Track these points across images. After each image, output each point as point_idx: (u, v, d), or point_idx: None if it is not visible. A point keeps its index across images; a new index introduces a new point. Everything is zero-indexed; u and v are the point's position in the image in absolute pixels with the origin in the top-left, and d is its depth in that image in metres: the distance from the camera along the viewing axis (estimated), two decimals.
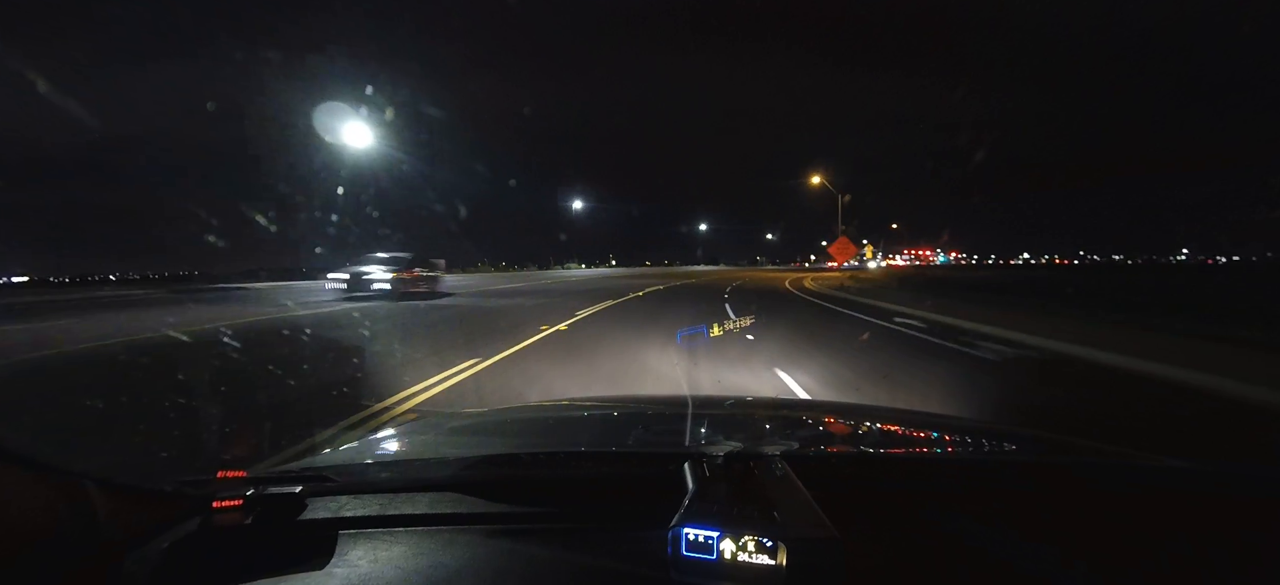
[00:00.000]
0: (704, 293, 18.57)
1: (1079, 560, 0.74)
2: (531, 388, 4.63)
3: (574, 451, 1.12)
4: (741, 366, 5.41)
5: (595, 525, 0.83)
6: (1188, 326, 8.02)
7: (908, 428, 1.51)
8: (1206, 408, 4.34)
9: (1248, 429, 3.90)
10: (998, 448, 1.30)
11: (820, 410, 1.95)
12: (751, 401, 2.00)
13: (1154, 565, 0.74)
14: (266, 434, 3.28)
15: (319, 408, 3.86)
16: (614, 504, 0.88)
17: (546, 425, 1.60)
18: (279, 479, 0.90)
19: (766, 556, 0.61)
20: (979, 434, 1.45)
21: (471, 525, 0.85)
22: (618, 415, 1.64)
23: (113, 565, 0.69)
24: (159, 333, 8.23)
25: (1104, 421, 3.97)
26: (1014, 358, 6.40)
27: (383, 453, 1.28)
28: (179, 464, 2.85)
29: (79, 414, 3.88)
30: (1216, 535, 0.81)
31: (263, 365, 5.49)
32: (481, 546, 0.79)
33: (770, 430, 1.39)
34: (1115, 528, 0.83)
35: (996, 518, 0.85)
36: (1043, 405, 4.46)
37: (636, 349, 6.56)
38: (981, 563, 0.74)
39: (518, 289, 20.70)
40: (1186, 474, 0.99)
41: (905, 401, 4.23)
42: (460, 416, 1.78)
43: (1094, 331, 7.78)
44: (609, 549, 0.75)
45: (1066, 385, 5.16)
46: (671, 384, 4.86)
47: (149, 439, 3.22)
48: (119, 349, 6.65)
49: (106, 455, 3.06)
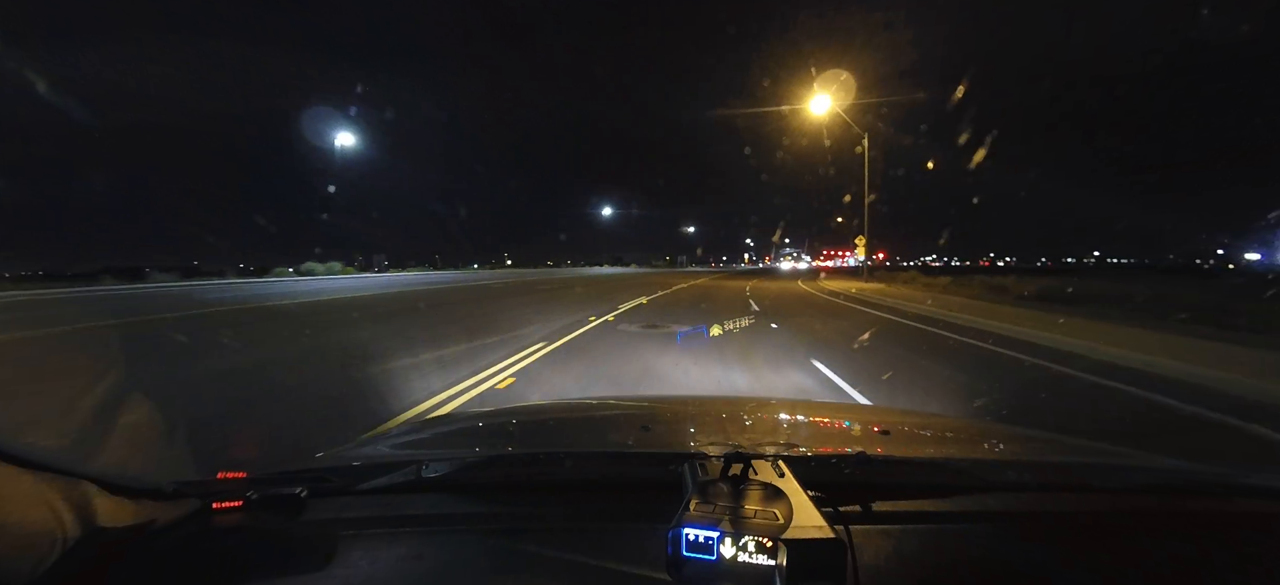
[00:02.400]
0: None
1: (1080, 561, 0.74)
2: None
3: (574, 452, 1.12)
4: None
5: (595, 525, 0.83)
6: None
7: (908, 428, 1.51)
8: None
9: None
10: (999, 448, 1.30)
11: (820, 410, 1.96)
12: (752, 401, 2.00)
13: (1155, 567, 0.74)
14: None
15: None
16: (614, 504, 0.88)
17: (547, 426, 1.60)
18: (279, 479, 0.90)
19: (766, 557, 0.61)
20: (980, 433, 1.45)
21: (471, 525, 0.85)
22: (618, 416, 1.65)
23: (113, 565, 0.69)
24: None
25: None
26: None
27: (382, 453, 1.28)
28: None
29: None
30: (1218, 538, 0.81)
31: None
32: (481, 546, 0.79)
33: (770, 430, 1.39)
34: (1117, 528, 0.83)
35: (998, 518, 0.86)
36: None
37: None
38: (982, 563, 0.74)
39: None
40: (1189, 476, 0.99)
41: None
42: (461, 417, 1.78)
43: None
44: (609, 549, 0.75)
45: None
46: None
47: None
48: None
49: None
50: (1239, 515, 0.89)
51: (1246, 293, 13.44)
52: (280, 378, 5.23)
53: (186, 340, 7.82)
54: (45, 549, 0.61)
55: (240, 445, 3.16)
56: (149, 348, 7.16)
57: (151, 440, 3.28)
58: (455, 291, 19.69)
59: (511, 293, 18.57)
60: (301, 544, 0.81)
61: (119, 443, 3.19)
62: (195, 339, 7.90)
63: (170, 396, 4.32)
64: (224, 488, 0.85)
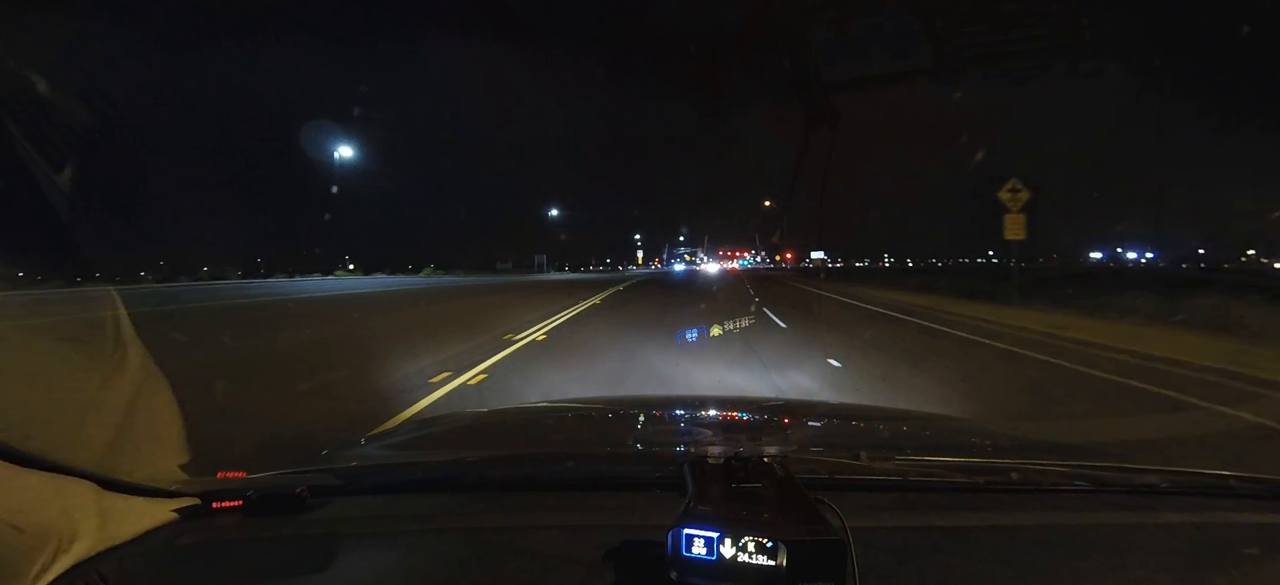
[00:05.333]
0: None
1: (1081, 562, 0.74)
2: None
3: (574, 452, 1.12)
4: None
5: (595, 525, 0.82)
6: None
7: (909, 428, 1.51)
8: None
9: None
10: (1002, 449, 1.30)
11: (821, 410, 1.96)
12: (752, 401, 2.00)
13: (1155, 569, 0.74)
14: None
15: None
16: (614, 504, 0.88)
17: (547, 426, 1.61)
18: (279, 479, 0.90)
19: (767, 557, 0.60)
20: (981, 434, 1.45)
21: (472, 525, 0.85)
22: (618, 416, 1.65)
23: (113, 565, 0.69)
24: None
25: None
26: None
27: (383, 453, 1.28)
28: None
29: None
30: (1219, 539, 0.81)
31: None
32: (481, 547, 0.79)
33: (770, 430, 1.39)
34: (1117, 531, 0.83)
35: (1000, 519, 0.85)
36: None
37: None
38: (983, 564, 0.74)
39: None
40: (1191, 479, 0.99)
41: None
42: (461, 417, 1.79)
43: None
44: (609, 549, 0.75)
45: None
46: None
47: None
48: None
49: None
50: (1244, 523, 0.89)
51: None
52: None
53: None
54: (45, 548, 0.61)
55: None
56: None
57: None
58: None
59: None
60: (301, 544, 0.81)
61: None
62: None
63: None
64: (224, 487, 0.85)
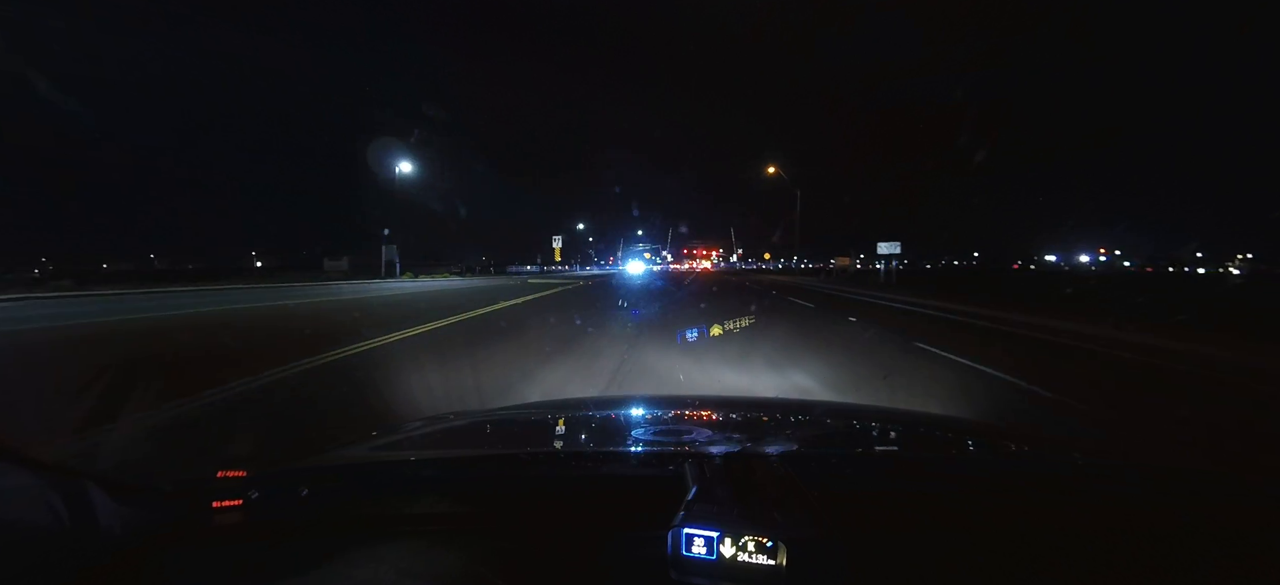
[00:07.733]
0: None
1: (1080, 562, 0.74)
2: None
3: (574, 451, 1.12)
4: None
5: (595, 525, 0.82)
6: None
7: (909, 428, 1.51)
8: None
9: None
10: (999, 447, 1.30)
11: (820, 410, 1.96)
12: (752, 401, 2.00)
13: (1155, 569, 0.74)
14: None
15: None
16: (614, 504, 0.88)
17: (547, 425, 1.60)
18: (279, 478, 0.91)
19: (766, 557, 0.61)
20: (981, 434, 1.45)
21: (472, 525, 0.85)
22: (618, 415, 1.65)
23: (113, 565, 0.69)
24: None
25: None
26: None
27: (383, 453, 1.28)
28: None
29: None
30: (1219, 540, 0.81)
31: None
32: (481, 546, 0.79)
33: (770, 430, 1.39)
34: (1116, 530, 0.83)
35: (1001, 519, 0.85)
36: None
37: None
38: (984, 564, 0.74)
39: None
40: (1193, 480, 0.99)
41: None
42: (461, 417, 1.78)
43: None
44: (609, 549, 0.75)
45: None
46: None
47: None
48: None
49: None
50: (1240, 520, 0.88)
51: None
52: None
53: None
54: (46, 549, 0.61)
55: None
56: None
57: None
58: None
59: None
60: (301, 543, 0.81)
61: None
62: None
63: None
64: (224, 486, 0.85)
